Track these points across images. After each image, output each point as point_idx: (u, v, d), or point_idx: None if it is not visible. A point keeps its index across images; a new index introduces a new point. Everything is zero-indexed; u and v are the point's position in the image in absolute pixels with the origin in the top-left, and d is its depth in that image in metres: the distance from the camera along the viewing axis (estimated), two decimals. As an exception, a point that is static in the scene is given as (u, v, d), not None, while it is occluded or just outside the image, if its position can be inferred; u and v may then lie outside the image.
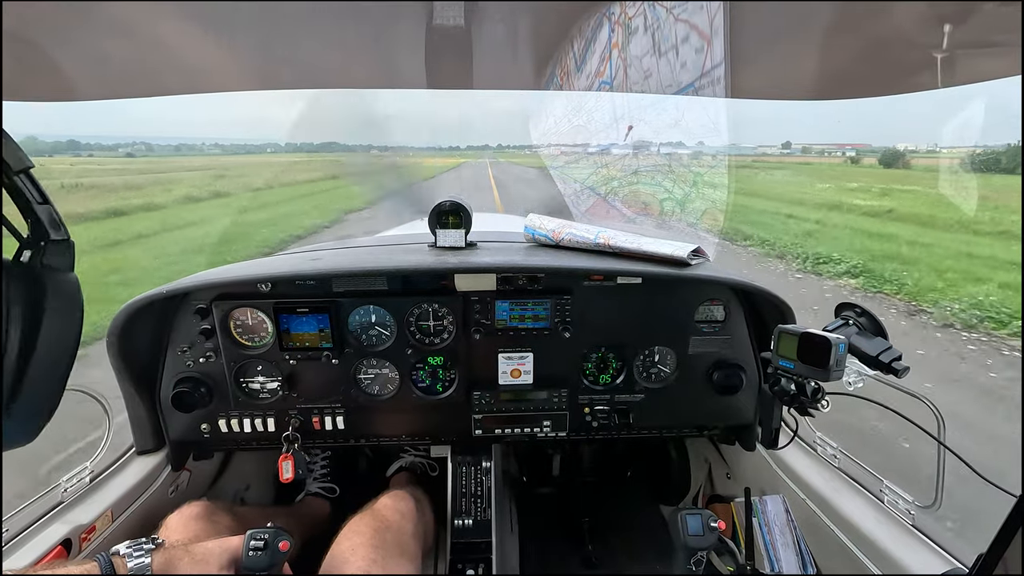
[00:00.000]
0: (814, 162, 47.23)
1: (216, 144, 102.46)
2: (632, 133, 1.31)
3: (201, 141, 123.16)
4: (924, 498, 1.27)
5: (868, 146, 47.80)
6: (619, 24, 1.01)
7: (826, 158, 51.10)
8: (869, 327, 1.20)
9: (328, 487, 2.13)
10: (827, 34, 0.98)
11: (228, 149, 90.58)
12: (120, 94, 1.21)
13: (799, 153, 61.75)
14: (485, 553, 1.55)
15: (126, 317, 1.45)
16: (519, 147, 50.54)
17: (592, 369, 1.71)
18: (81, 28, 0.92)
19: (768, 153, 55.75)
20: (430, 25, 0.99)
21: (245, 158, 66.10)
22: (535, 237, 1.77)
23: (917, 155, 29.72)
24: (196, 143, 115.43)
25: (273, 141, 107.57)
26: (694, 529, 1.20)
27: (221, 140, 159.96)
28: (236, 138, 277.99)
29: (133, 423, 1.60)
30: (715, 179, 1.45)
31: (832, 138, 64.95)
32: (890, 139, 76.08)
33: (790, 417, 1.55)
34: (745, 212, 15.18)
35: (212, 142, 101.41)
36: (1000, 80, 0.93)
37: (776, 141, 74.84)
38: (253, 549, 1.06)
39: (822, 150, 59.44)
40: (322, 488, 2.12)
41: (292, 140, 78.64)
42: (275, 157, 62.47)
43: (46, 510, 1.34)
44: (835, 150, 54.07)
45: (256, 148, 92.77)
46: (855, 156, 42.14)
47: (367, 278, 1.57)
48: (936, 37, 0.84)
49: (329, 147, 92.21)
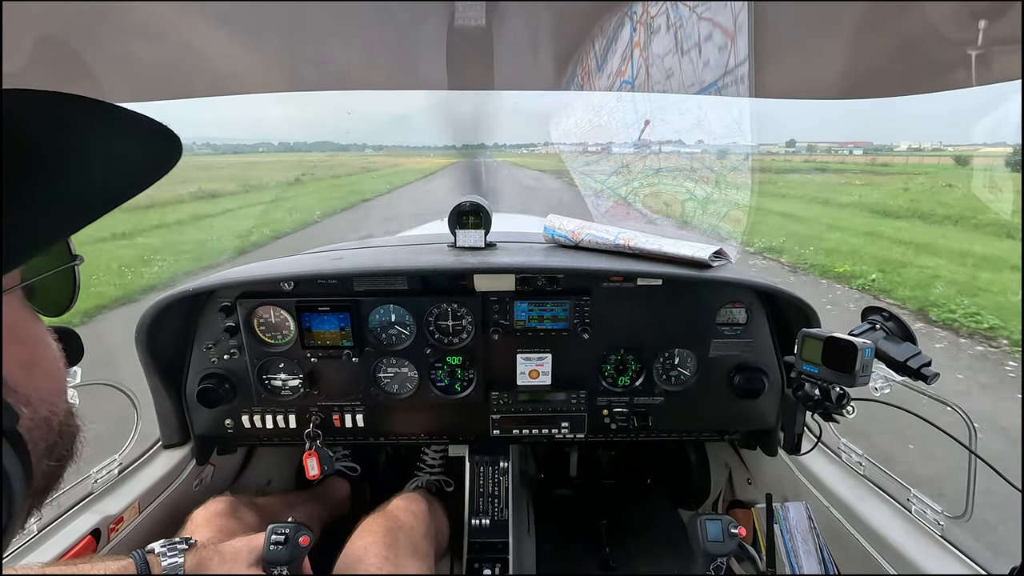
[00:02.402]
0: (823, 160, 45.82)
1: (207, 144, 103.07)
2: (648, 129, 1.30)
3: (191, 141, 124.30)
4: (954, 508, 1.23)
5: (869, 144, 46.51)
6: (641, 23, 1.01)
7: (833, 156, 49.59)
8: (897, 332, 1.17)
9: (350, 466, 2.18)
10: (855, 31, 0.96)
11: (219, 148, 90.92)
12: (149, 97, 1.25)
13: (804, 151, 59.92)
14: (502, 553, 1.55)
15: (154, 314, 1.49)
16: (523, 146, 48.86)
17: (611, 371, 1.70)
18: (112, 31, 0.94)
19: (773, 152, 54.39)
20: (451, 26, 1.00)
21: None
22: (554, 238, 1.77)
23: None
24: (187, 143, 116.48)
25: (266, 140, 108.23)
26: (714, 535, 1.18)
27: (212, 140, 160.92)
28: (228, 137, 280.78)
29: (160, 417, 1.65)
30: (738, 180, 1.43)
31: (836, 137, 63.51)
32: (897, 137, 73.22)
33: (813, 422, 1.52)
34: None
35: (203, 141, 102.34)
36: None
37: (777, 140, 72.67)
38: (274, 543, 1.08)
39: (828, 148, 57.76)
40: (343, 467, 2.16)
41: (286, 140, 77.84)
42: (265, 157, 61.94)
43: (76, 500, 1.38)
44: (840, 149, 52.39)
45: (248, 148, 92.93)
46: (962, 156, 36.50)
47: (387, 278, 1.58)
48: (970, 33, 0.81)
49: (323, 146, 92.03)
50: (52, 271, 0.55)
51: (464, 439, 1.78)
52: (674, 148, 1.49)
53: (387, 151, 79.07)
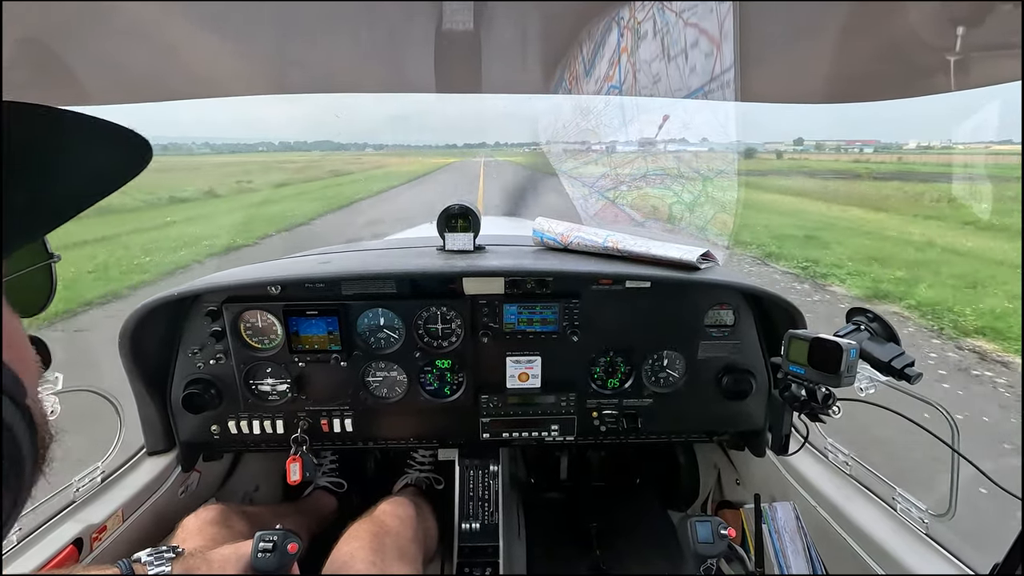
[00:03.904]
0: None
1: (207, 143, 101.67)
2: (651, 128, 1.31)
3: (191, 140, 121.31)
4: (938, 506, 1.25)
5: (878, 142, 46.19)
6: (628, 28, 1.01)
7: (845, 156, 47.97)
8: (881, 332, 1.18)
9: (336, 481, 2.15)
10: (838, 37, 0.98)
11: (218, 148, 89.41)
12: (135, 99, 1.23)
13: (813, 150, 59.64)
14: (492, 557, 1.55)
15: (138, 319, 1.47)
16: (522, 144, 48.65)
17: (600, 373, 1.71)
18: (95, 34, 0.93)
19: (781, 150, 53.62)
20: (439, 29, 1.00)
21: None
22: (543, 241, 1.77)
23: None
24: (185, 143, 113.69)
25: (267, 140, 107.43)
26: (704, 536, 1.19)
27: (212, 140, 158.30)
28: (228, 136, 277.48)
29: (144, 424, 1.62)
30: (725, 183, 1.44)
31: (843, 135, 63.57)
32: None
33: (800, 423, 1.54)
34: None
35: (202, 141, 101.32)
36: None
37: (784, 138, 72.65)
38: (262, 551, 1.07)
39: (837, 146, 57.44)
40: (330, 483, 2.14)
41: (286, 139, 76.38)
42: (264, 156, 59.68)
43: (58, 509, 1.36)
44: (848, 147, 52.08)
45: (248, 147, 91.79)
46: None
47: (376, 281, 1.58)
48: (949, 39, 0.83)
49: (322, 145, 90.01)
50: (29, 268, 0.55)
51: (454, 443, 1.77)
52: (662, 151, 1.50)
53: (387, 151, 78.00)
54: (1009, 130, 0.85)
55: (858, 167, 37.04)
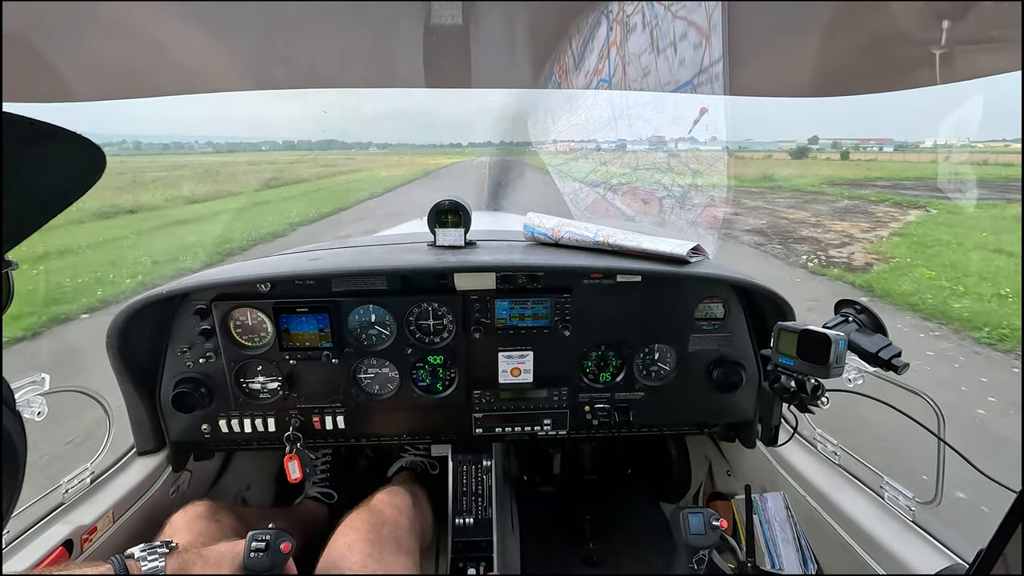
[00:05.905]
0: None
1: (209, 142, 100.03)
2: (704, 117, 1.30)
3: (194, 139, 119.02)
4: (924, 494, 1.27)
5: (891, 140, 44.99)
6: (617, 22, 1.01)
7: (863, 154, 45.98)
8: (869, 324, 1.20)
9: (326, 492, 2.13)
10: (825, 30, 0.98)
11: (221, 147, 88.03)
12: (117, 95, 1.21)
13: (830, 148, 58.59)
14: (486, 552, 1.55)
15: (125, 317, 1.45)
16: (523, 144, 48.53)
17: (592, 367, 1.71)
18: (78, 29, 0.92)
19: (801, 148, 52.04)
20: (428, 24, 0.99)
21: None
22: (534, 236, 1.77)
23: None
24: (188, 141, 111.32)
25: (271, 139, 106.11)
26: (696, 528, 1.20)
27: (214, 138, 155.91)
28: (231, 136, 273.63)
29: (133, 424, 1.60)
30: (713, 177, 1.45)
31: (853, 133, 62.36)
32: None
33: (790, 414, 1.55)
34: None
35: (205, 140, 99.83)
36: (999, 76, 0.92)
37: (798, 137, 71.41)
38: (255, 550, 1.07)
39: (855, 144, 56.33)
40: (320, 493, 2.11)
41: (290, 138, 75.33)
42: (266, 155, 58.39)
43: (47, 511, 1.34)
44: (864, 145, 50.81)
45: (251, 146, 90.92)
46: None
47: (366, 277, 1.57)
48: (934, 33, 0.84)
49: (328, 145, 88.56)
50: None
51: (447, 438, 1.77)
52: (651, 146, 1.51)
53: (391, 150, 76.43)
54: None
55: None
